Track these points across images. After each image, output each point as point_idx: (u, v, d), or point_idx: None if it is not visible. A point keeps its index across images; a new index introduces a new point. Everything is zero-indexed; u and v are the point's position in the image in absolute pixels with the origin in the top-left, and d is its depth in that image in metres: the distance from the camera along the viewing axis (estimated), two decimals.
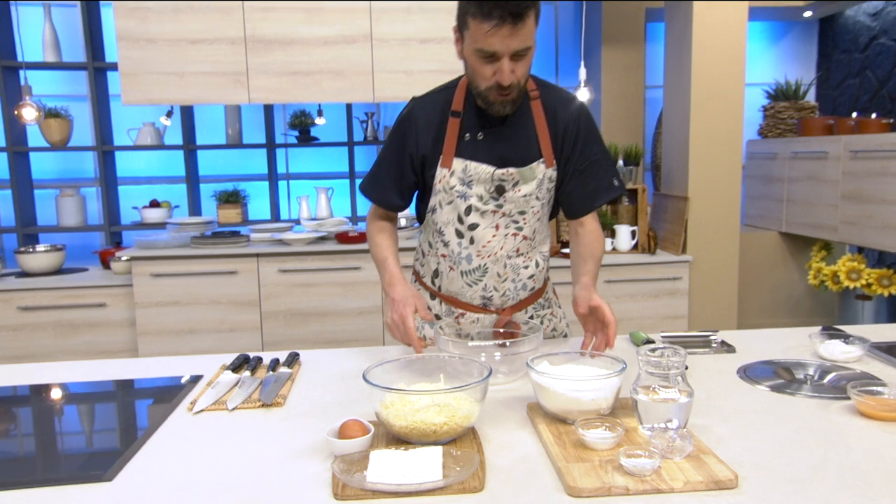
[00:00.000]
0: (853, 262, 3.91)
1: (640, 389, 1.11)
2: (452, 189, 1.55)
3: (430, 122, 1.55)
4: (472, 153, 1.53)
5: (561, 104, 1.57)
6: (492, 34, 1.34)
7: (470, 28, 1.38)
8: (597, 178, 1.61)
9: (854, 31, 4.73)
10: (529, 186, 1.55)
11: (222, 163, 4.30)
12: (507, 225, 1.58)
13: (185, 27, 3.27)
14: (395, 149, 1.60)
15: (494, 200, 1.55)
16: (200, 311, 3.37)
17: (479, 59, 1.40)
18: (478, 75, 1.43)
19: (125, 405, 1.43)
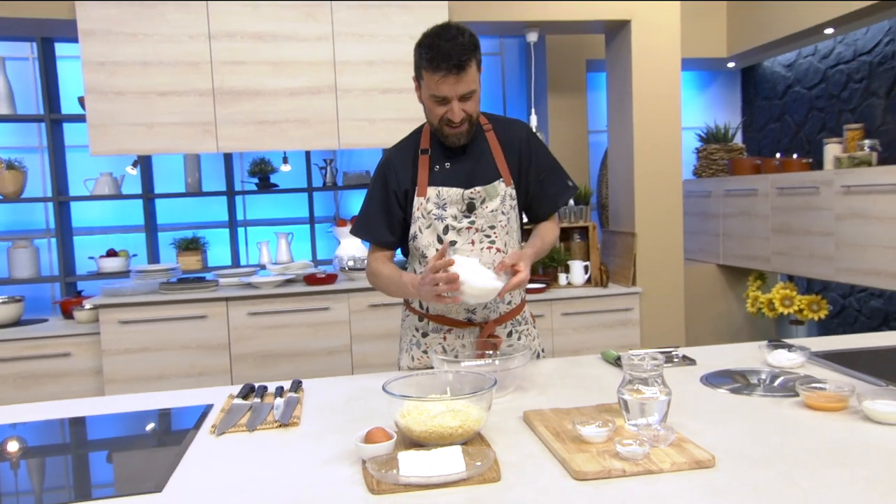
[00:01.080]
0: (786, 289, 4.24)
1: (625, 391, 1.28)
2: (430, 213, 1.77)
3: (404, 162, 1.80)
4: (443, 180, 1.77)
5: (509, 130, 1.85)
6: (441, 83, 1.62)
7: (424, 78, 1.67)
8: (555, 184, 1.88)
9: (772, 80, 5.19)
10: (494, 203, 1.77)
11: (179, 210, 4.35)
12: (480, 240, 1.78)
13: (154, 80, 3.38)
14: (379, 191, 1.82)
15: (467, 217, 1.77)
16: (169, 356, 3.40)
17: (434, 102, 1.67)
18: (433, 114, 1.71)
19: (154, 431, 1.51)
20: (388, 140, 3.66)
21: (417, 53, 1.68)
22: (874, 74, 4.25)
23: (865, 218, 3.60)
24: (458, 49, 1.59)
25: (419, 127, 1.87)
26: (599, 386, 1.63)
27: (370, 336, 3.57)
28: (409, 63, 3.69)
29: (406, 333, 1.94)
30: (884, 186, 3.48)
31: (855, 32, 4.36)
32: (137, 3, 3.33)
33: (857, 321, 4.53)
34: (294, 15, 3.47)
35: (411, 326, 1.91)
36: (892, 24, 4.12)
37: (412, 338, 1.90)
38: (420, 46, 1.66)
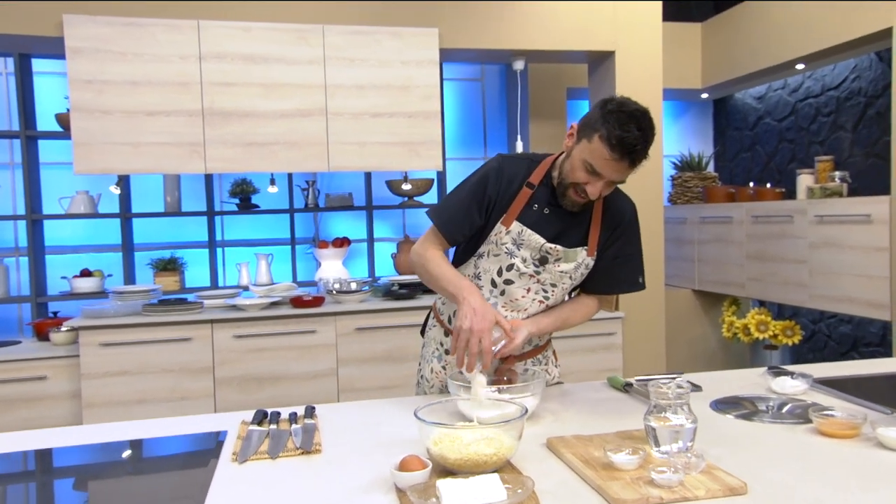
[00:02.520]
0: (761, 315, 4.35)
1: (652, 418, 1.30)
2: (503, 245, 1.71)
3: (512, 180, 1.72)
4: (532, 222, 1.70)
5: (619, 206, 1.78)
6: (608, 163, 1.54)
7: (593, 143, 1.55)
8: (626, 271, 1.81)
9: (743, 111, 5.37)
10: (568, 266, 1.72)
11: (156, 230, 4.28)
12: (537, 291, 1.74)
13: (143, 100, 3.35)
14: (476, 191, 1.72)
15: (535, 267, 1.72)
16: (151, 380, 3.32)
17: (583, 167, 1.59)
18: (572, 174, 1.62)
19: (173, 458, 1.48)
20: (377, 164, 3.68)
21: (603, 118, 1.53)
22: (841, 109, 4.44)
23: (838, 247, 3.73)
24: (644, 146, 1.53)
25: (540, 155, 1.78)
26: (613, 412, 1.65)
27: (357, 360, 3.55)
28: (399, 87, 3.77)
29: (430, 343, 1.93)
30: (856, 217, 3.62)
31: (823, 69, 4.55)
32: (127, 22, 3.31)
33: (826, 346, 4.67)
34: (286, 38, 3.49)
35: (435, 338, 1.90)
36: (858, 61, 4.31)
37: (435, 350, 1.89)
38: (610, 113, 1.53)
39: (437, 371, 1.87)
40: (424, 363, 1.94)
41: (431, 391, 1.91)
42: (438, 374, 1.87)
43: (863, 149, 4.28)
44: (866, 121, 4.26)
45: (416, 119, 3.68)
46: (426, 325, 2.03)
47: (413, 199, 4.26)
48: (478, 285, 1.75)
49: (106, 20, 3.29)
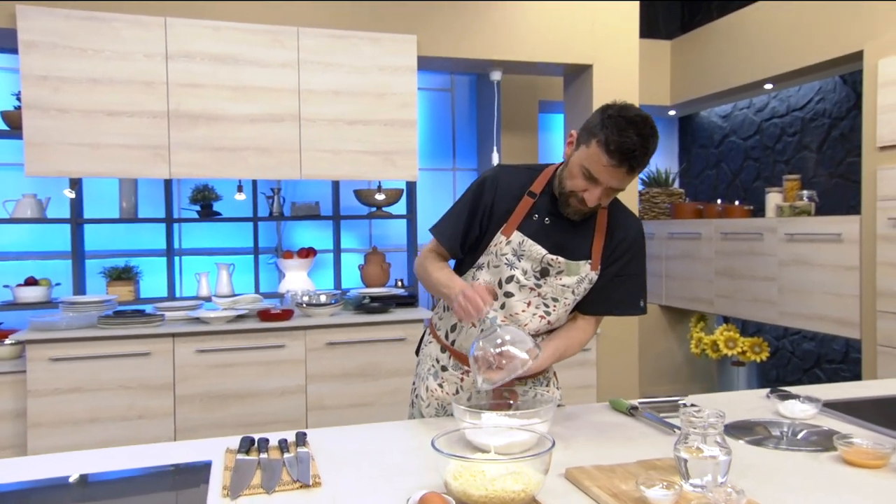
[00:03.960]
0: (729, 331, 4.37)
1: (682, 448, 1.22)
2: (503, 256, 1.65)
3: (510, 189, 1.67)
4: (533, 233, 1.65)
5: (624, 222, 1.71)
6: (606, 169, 1.49)
7: (591, 148, 1.50)
8: (626, 292, 1.72)
9: (709, 129, 5.44)
10: (570, 279, 1.65)
11: (109, 237, 4.05)
12: (538, 305, 1.67)
13: (103, 98, 3.15)
14: (472, 203, 1.69)
15: (536, 280, 1.65)
16: (106, 397, 3.11)
17: (582, 174, 1.54)
18: (571, 182, 1.57)
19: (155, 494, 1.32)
20: (351, 172, 3.55)
21: (602, 123, 1.49)
22: (806, 129, 4.52)
23: (808, 265, 3.77)
24: (643, 151, 1.48)
25: (539, 165, 1.73)
26: (624, 438, 1.58)
27: (327, 376, 3.40)
28: (375, 94, 3.66)
29: (425, 360, 1.84)
30: (825, 236, 3.67)
31: (788, 90, 4.64)
32: (87, 16, 3.11)
33: (790, 363, 4.73)
34: (258, 39, 3.34)
35: (431, 355, 1.82)
36: (823, 83, 4.40)
37: (431, 367, 1.81)
38: (609, 118, 1.49)
39: (433, 389, 1.78)
40: (419, 382, 1.85)
41: (427, 411, 1.80)
42: (434, 392, 1.78)
43: (827, 169, 4.36)
44: (831, 142, 4.34)
45: (392, 127, 3.58)
46: (421, 343, 1.94)
47: (381, 209, 4.14)
48: None
49: (64, 13, 3.09)
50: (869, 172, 3.44)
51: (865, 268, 3.45)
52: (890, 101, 3.28)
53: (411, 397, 1.91)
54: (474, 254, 1.72)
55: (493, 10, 3.78)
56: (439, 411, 1.79)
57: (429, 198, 4.78)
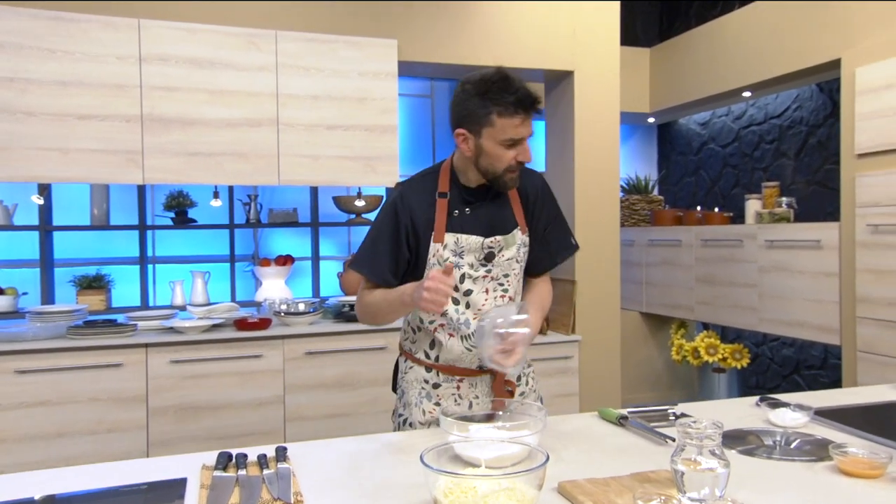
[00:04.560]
0: (710, 338, 4.37)
1: (680, 461, 1.18)
2: (446, 261, 1.69)
3: (421, 202, 1.72)
4: (462, 227, 1.71)
5: (528, 180, 1.79)
6: (519, 125, 1.60)
7: (496, 125, 1.59)
8: (557, 239, 1.86)
9: (688, 136, 5.46)
10: (511, 251, 1.74)
11: (80, 245, 3.93)
12: (494, 288, 1.74)
13: (73, 102, 3.05)
14: (390, 228, 1.72)
15: (483, 266, 1.72)
16: (74, 410, 3.00)
17: (504, 146, 1.61)
18: (499, 160, 1.64)
19: None
20: (331, 178, 3.49)
21: (484, 99, 1.58)
22: (784, 137, 4.56)
23: (788, 271, 3.78)
24: (531, 93, 1.60)
25: (433, 168, 1.79)
26: (616, 449, 1.53)
27: (306, 386, 3.32)
28: (356, 99, 3.60)
29: (412, 387, 1.82)
30: (805, 242, 3.68)
31: (765, 98, 4.67)
32: (56, 16, 3.02)
33: (769, 369, 4.74)
34: (235, 42, 3.27)
35: (418, 379, 1.81)
36: (800, 91, 4.44)
37: (421, 390, 1.80)
38: (487, 93, 1.58)
39: (431, 410, 1.78)
40: (413, 409, 1.80)
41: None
42: (432, 412, 1.78)
43: (805, 176, 4.39)
44: (808, 149, 4.38)
45: (373, 133, 3.52)
46: (397, 378, 1.92)
47: (361, 216, 4.08)
48: (443, 311, 1.70)
49: (31, 12, 2.99)
50: (847, 179, 3.46)
51: (845, 274, 3.46)
52: (868, 108, 3.31)
53: (395, 425, 1.87)
54: (415, 273, 1.74)
55: (474, 15, 3.75)
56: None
57: None
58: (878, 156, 3.30)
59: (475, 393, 1.78)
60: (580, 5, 3.90)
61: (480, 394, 1.78)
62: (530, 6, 3.83)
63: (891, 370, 3.15)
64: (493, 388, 1.75)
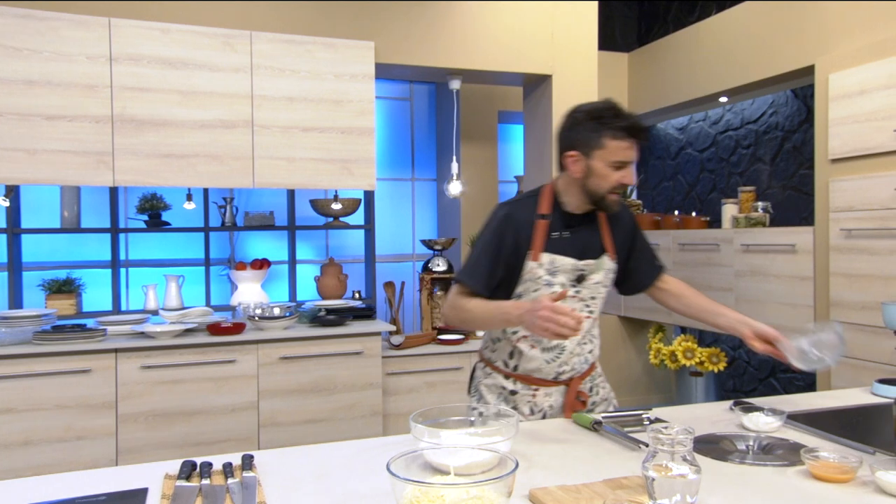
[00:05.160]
0: (687, 342, 4.39)
1: (651, 467, 1.17)
2: (539, 279, 1.82)
3: (526, 221, 1.84)
4: (559, 248, 1.83)
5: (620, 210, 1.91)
6: (629, 149, 1.73)
7: (607, 148, 1.73)
8: (648, 259, 2.02)
9: (666, 141, 5.49)
10: (599, 276, 1.87)
11: (49, 248, 3.85)
12: (581, 308, 1.86)
13: (41, 102, 2.99)
14: (496, 246, 1.83)
15: (574, 288, 1.84)
16: (41, 418, 2.93)
17: (612, 168, 1.74)
18: (606, 181, 1.76)
19: None
20: (307, 181, 3.45)
21: (597, 124, 1.72)
22: (760, 142, 4.59)
23: (763, 275, 3.81)
24: (640, 122, 1.74)
25: (535, 190, 1.91)
26: (589, 455, 1.51)
27: (280, 392, 3.28)
28: (332, 101, 3.56)
29: (491, 391, 1.95)
30: (780, 246, 3.71)
31: (742, 103, 4.71)
32: (24, 14, 2.96)
33: (745, 372, 4.77)
34: (209, 43, 3.23)
35: (497, 385, 1.94)
36: (776, 97, 4.48)
37: (499, 394, 1.93)
38: (600, 118, 1.72)
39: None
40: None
41: None
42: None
43: (780, 181, 4.43)
44: (783, 154, 4.42)
45: (349, 135, 3.49)
46: (473, 381, 2.05)
47: (339, 219, 4.04)
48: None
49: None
50: (822, 184, 3.49)
51: (819, 278, 3.49)
52: (841, 114, 3.34)
53: None
54: (507, 289, 1.86)
55: (452, 18, 3.73)
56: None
57: (387, 208, 4.70)
58: (851, 161, 3.33)
59: (549, 402, 1.89)
60: (558, 8, 3.90)
61: (555, 403, 1.89)
62: (509, 9, 3.83)
63: (864, 373, 3.18)
64: (566, 399, 1.87)
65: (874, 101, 3.17)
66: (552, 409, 1.87)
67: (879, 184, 3.14)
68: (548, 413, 1.86)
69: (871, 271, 3.18)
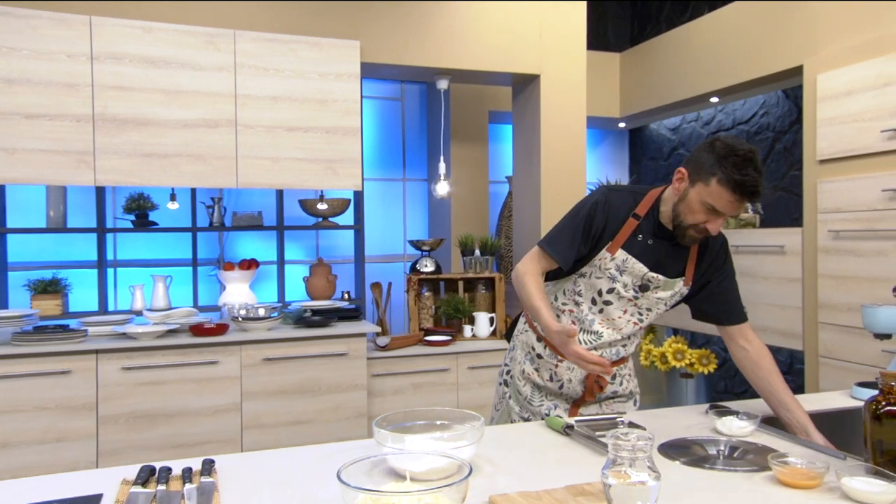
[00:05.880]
0: (678, 343, 4.36)
1: (610, 474, 1.14)
2: (606, 270, 1.83)
3: (618, 210, 1.82)
4: (636, 252, 1.81)
5: (714, 238, 1.86)
6: (729, 203, 1.64)
7: (711, 186, 1.64)
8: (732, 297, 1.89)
9: (658, 141, 5.47)
10: (665, 294, 1.84)
11: (36, 248, 3.83)
12: (633, 313, 1.87)
13: (20, 100, 2.97)
14: (585, 223, 1.81)
15: (635, 293, 1.84)
16: (20, 420, 2.90)
17: (704, 208, 1.68)
18: (691, 215, 1.71)
19: None
20: (291, 181, 3.42)
21: (718, 162, 1.62)
22: (751, 143, 4.56)
23: (752, 276, 3.78)
24: (759, 185, 1.63)
25: (643, 188, 1.88)
26: (556, 460, 1.49)
27: (264, 393, 3.25)
28: (317, 101, 3.54)
29: (521, 347, 2.04)
30: (769, 248, 3.68)
31: (734, 103, 4.68)
32: (4, 11, 2.93)
33: (737, 374, 4.74)
34: (192, 42, 3.20)
35: (527, 342, 2.01)
36: (767, 98, 4.45)
37: (528, 353, 2.00)
38: (725, 158, 1.61)
39: (530, 373, 1.98)
40: (514, 364, 2.04)
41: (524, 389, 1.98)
42: (530, 375, 1.98)
43: (771, 182, 4.40)
44: (774, 155, 4.39)
45: (334, 135, 3.47)
46: (513, 329, 2.15)
47: (328, 219, 4.02)
48: (575, 301, 1.89)
49: None
50: (810, 185, 3.47)
51: (807, 280, 3.46)
52: (829, 115, 3.31)
53: (502, 378, 2.10)
54: (577, 264, 1.87)
55: (439, 17, 3.71)
56: (534, 391, 1.98)
57: (378, 208, 4.68)
58: (839, 162, 3.30)
59: (569, 376, 1.92)
60: (546, 8, 3.88)
61: (574, 377, 1.92)
62: (496, 8, 3.80)
63: (851, 375, 3.15)
64: (586, 379, 1.90)
65: (861, 102, 3.14)
66: (570, 383, 1.92)
67: (867, 185, 3.11)
68: (565, 385, 1.92)
69: (858, 273, 3.16)
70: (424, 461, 1.28)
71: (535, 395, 1.97)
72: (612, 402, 2.01)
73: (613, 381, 1.96)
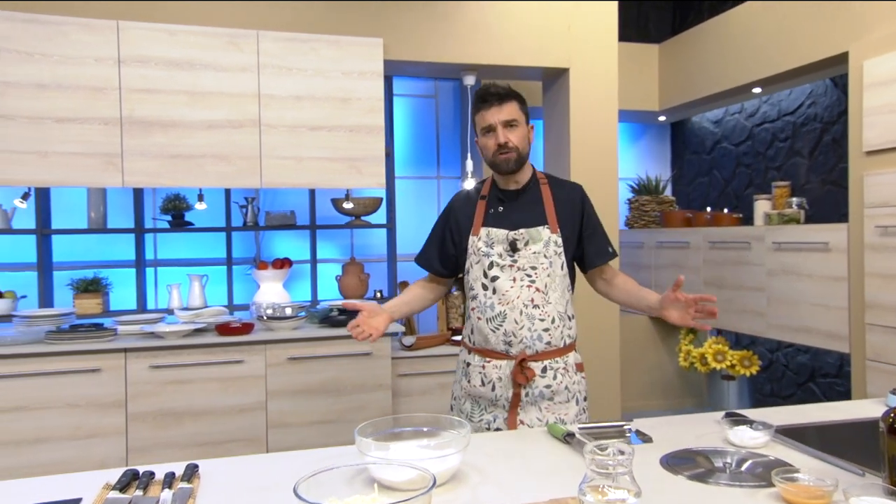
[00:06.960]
0: (718, 344, 4.19)
1: (587, 490, 1.07)
2: (479, 250, 1.98)
3: (465, 205, 2.07)
4: (494, 222, 2.00)
5: (565, 189, 2.06)
6: (487, 113, 1.93)
7: (476, 121, 1.98)
8: (598, 244, 2.06)
9: (701, 135, 5.27)
10: (538, 246, 1.94)
11: (79, 248, 3.94)
12: (521, 278, 1.94)
13: (51, 105, 3.04)
14: (439, 227, 2.13)
15: (510, 256, 1.94)
16: (52, 416, 2.98)
17: (484, 135, 1.96)
18: (487, 149, 1.96)
19: None
20: (315, 180, 3.42)
21: (472, 104, 1.99)
22: (798, 134, 4.35)
23: (796, 274, 3.60)
24: (499, 88, 1.94)
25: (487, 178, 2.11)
26: (550, 471, 1.42)
27: (288, 392, 3.26)
28: (339, 99, 3.53)
29: (459, 365, 2.12)
30: (813, 244, 3.50)
31: (779, 94, 4.47)
32: (31, 18, 3.01)
33: (784, 376, 4.54)
34: (215, 43, 3.23)
35: (461, 360, 2.09)
36: (814, 87, 4.23)
37: (462, 369, 2.07)
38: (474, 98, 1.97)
39: (465, 386, 2.04)
40: (457, 386, 2.11)
41: (464, 407, 2.03)
42: (466, 387, 2.03)
43: (819, 175, 4.19)
44: (822, 147, 4.17)
45: (357, 134, 3.45)
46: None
47: (360, 218, 4.01)
48: (473, 295, 2.00)
49: (6, 14, 2.99)
50: (856, 178, 3.27)
51: (853, 278, 3.27)
52: (876, 103, 3.11)
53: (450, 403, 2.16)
54: (458, 266, 2.10)
55: (463, 12, 3.65)
56: (473, 405, 2.01)
57: (412, 206, 4.64)
58: (887, 153, 3.10)
59: (498, 374, 1.94)
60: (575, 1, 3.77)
61: (503, 375, 1.93)
62: (522, 2, 3.72)
63: None
64: (513, 373, 1.91)
65: None
66: (501, 381, 1.93)
67: None
68: (496, 384, 1.93)
69: None
70: (401, 471, 1.23)
71: (475, 410, 2.01)
72: (553, 405, 1.94)
73: (545, 375, 1.93)
